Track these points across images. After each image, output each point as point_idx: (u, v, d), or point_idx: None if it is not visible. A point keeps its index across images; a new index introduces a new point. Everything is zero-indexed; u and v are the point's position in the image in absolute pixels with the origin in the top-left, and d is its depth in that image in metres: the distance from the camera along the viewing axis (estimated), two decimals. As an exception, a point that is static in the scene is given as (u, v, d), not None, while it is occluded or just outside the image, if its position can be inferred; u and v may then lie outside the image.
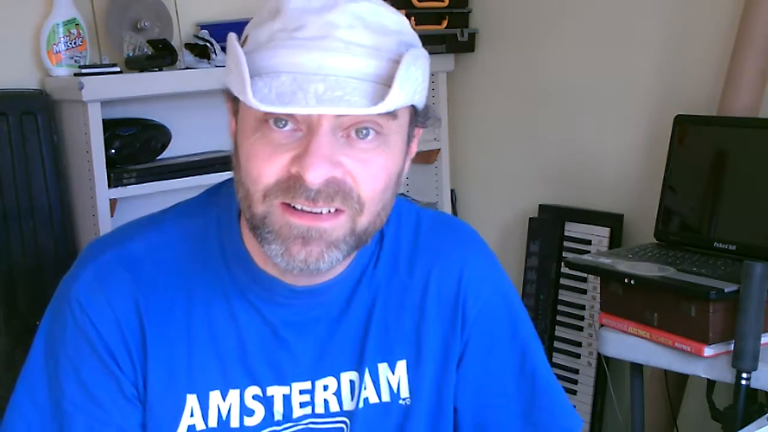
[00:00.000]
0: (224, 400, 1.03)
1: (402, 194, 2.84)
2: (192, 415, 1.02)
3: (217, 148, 2.33)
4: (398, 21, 0.95)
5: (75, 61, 2.12)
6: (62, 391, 1.02)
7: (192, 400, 1.02)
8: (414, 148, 1.02)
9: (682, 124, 2.11)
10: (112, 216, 2.05)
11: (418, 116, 0.99)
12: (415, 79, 0.91)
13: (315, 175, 0.89)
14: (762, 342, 1.69)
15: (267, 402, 1.04)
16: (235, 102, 0.96)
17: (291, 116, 0.90)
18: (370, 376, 1.07)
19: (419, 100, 0.95)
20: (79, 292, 1.02)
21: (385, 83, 0.89)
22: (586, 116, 2.51)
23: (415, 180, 2.88)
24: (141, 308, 1.01)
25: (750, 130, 2.01)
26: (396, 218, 1.10)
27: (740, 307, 1.68)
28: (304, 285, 1.02)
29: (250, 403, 1.04)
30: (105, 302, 1.01)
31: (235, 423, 1.03)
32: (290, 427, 1.05)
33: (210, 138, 2.34)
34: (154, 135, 2.20)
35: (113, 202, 2.06)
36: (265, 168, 0.91)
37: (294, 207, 0.92)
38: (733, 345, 1.70)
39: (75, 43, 2.12)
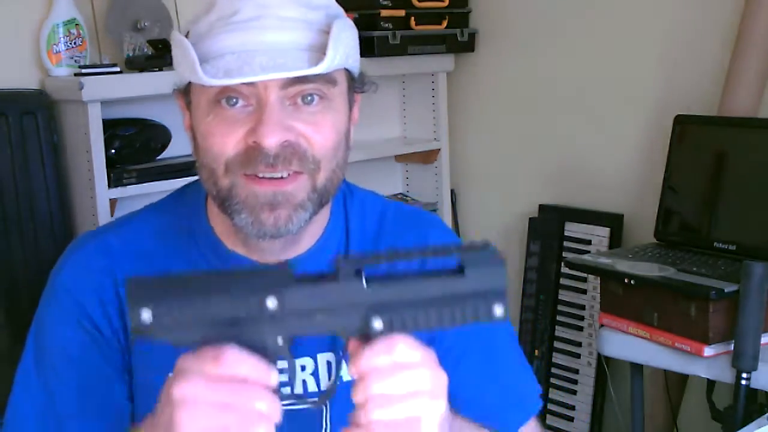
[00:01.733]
0: None
1: (401, 194, 2.85)
2: None
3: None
4: None
5: (75, 61, 2.12)
6: (48, 366, 1.06)
7: None
8: (356, 114, 1.08)
9: (682, 124, 2.11)
10: (112, 216, 2.05)
11: (355, 83, 1.06)
12: (346, 44, 0.99)
13: (271, 140, 0.95)
14: (762, 342, 1.69)
15: None
16: (186, 95, 1.05)
17: (240, 93, 0.97)
18: (343, 355, 1.08)
19: (353, 65, 1.03)
20: (63, 278, 1.09)
21: (319, 51, 0.97)
22: (586, 116, 2.51)
23: (415, 180, 2.88)
24: (121, 293, 1.05)
25: (750, 130, 2.01)
26: (360, 208, 1.15)
27: (740, 307, 1.68)
28: (271, 262, 1.05)
29: None
30: (88, 283, 1.07)
31: None
32: None
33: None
34: (154, 135, 2.20)
35: (113, 202, 2.06)
36: (223, 143, 0.98)
37: (256, 176, 0.97)
38: (733, 345, 1.70)
39: (75, 43, 2.11)
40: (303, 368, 1.08)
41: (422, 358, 0.84)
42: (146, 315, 0.81)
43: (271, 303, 0.82)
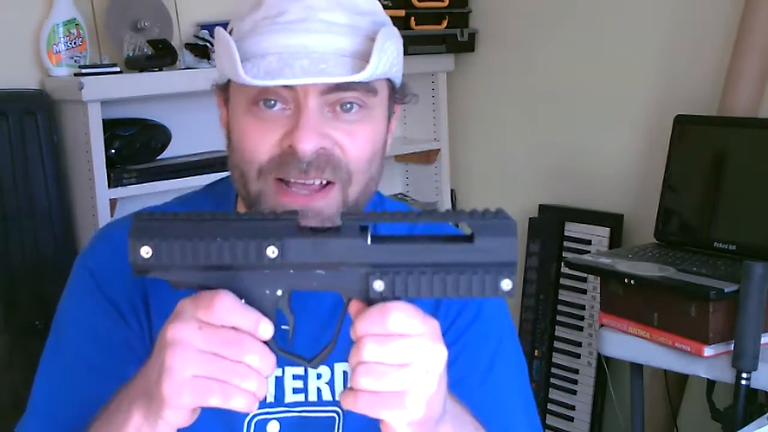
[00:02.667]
0: None
1: (401, 194, 2.85)
2: None
3: (217, 148, 2.32)
4: (370, 2, 1.01)
5: (75, 61, 2.12)
6: (62, 334, 1.06)
7: None
8: (393, 126, 1.07)
9: (682, 124, 2.11)
10: (112, 216, 2.05)
11: (396, 93, 1.04)
12: (390, 53, 0.97)
13: (306, 146, 0.94)
14: (762, 342, 1.69)
15: None
16: (225, 91, 1.03)
17: (280, 96, 0.95)
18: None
19: (395, 74, 1.01)
20: (85, 260, 1.09)
21: (362, 58, 0.95)
22: (586, 116, 2.51)
23: (415, 180, 2.88)
24: (145, 280, 1.04)
25: (750, 130, 2.01)
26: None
27: (740, 307, 1.68)
28: None
29: None
30: (110, 265, 1.05)
31: None
32: (284, 413, 1.06)
33: (210, 138, 2.32)
34: (154, 135, 2.20)
35: (113, 202, 2.06)
36: (258, 145, 0.96)
37: (287, 184, 0.96)
38: (733, 345, 1.70)
39: (75, 43, 2.12)
40: (319, 376, 1.06)
41: (420, 329, 0.80)
42: (145, 252, 0.80)
43: (272, 251, 0.80)
